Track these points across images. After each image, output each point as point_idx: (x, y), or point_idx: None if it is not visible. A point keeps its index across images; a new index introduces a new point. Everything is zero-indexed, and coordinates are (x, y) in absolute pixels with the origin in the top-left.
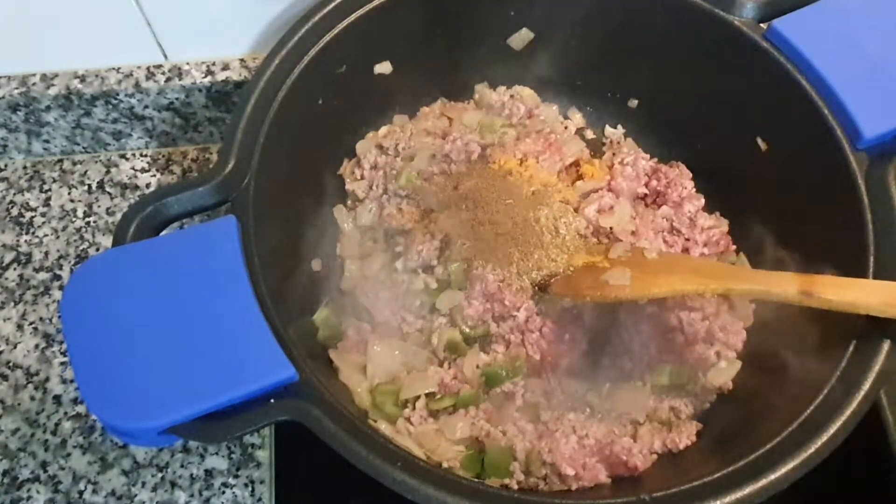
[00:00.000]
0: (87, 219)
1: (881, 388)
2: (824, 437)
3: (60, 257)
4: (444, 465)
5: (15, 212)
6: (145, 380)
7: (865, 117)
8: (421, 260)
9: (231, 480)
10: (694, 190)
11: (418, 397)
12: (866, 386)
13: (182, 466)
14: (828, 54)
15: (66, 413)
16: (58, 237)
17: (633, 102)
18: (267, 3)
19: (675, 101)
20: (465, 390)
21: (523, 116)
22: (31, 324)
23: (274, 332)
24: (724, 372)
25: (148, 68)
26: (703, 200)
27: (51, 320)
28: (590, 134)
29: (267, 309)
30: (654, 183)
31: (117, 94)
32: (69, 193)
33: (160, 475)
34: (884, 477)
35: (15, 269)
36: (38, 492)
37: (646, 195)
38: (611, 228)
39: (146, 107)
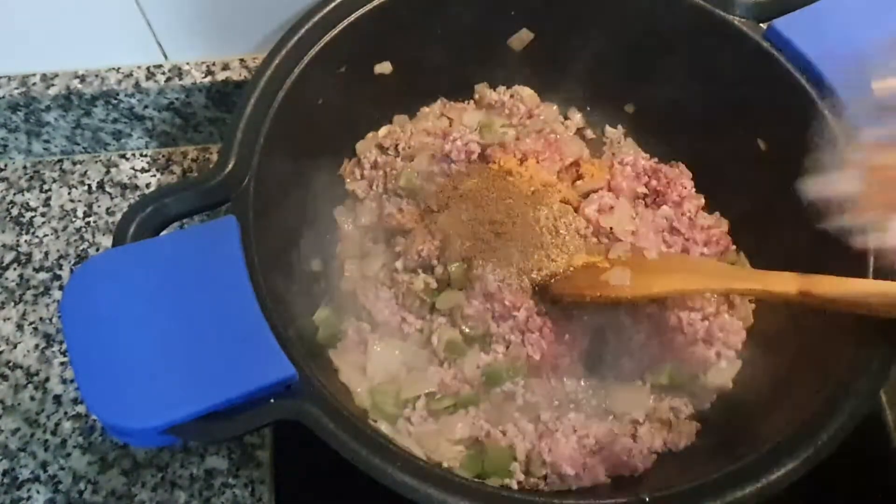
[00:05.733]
0: (87, 219)
1: (881, 388)
2: (824, 437)
3: (60, 257)
4: (444, 465)
5: (15, 212)
6: (145, 380)
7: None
8: (421, 260)
9: (231, 480)
10: (694, 190)
11: (418, 397)
12: (866, 386)
13: (182, 466)
14: (828, 54)
15: (66, 413)
16: (58, 237)
17: (633, 103)
18: (267, 3)
19: (675, 100)
20: (465, 390)
21: (523, 116)
22: (31, 324)
23: (274, 332)
24: (724, 372)
25: (148, 68)
26: (703, 200)
27: (51, 320)
28: (590, 134)
29: (267, 309)
30: (653, 183)
31: (117, 94)
32: (69, 193)
33: (160, 475)
34: (884, 477)
35: (15, 269)
36: (38, 492)
37: (646, 195)
38: (611, 228)
39: (146, 107)
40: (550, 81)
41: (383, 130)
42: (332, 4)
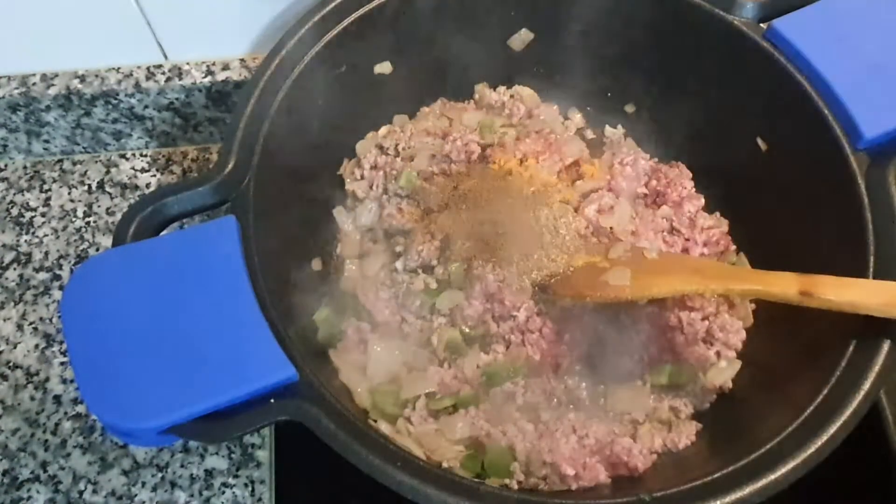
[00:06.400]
0: (87, 219)
1: (881, 388)
2: (824, 437)
3: (60, 257)
4: (444, 465)
5: (15, 212)
6: (145, 379)
7: (865, 117)
8: (421, 260)
9: (231, 480)
10: (694, 190)
11: (418, 397)
12: (866, 386)
13: (182, 466)
14: (828, 54)
15: (66, 413)
16: (58, 237)
17: (633, 103)
18: (267, 3)
19: (675, 100)
20: (465, 390)
21: (523, 116)
22: (31, 324)
23: (274, 332)
24: (724, 372)
25: (148, 68)
26: (703, 200)
27: (51, 320)
28: (590, 134)
29: (267, 309)
30: (654, 183)
31: (117, 94)
32: (69, 193)
33: (160, 475)
34: (884, 477)
35: (15, 269)
36: (38, 492)
37: (646, 195)
38: (611, 228)
39: (146, 107)
40: (550, 81)
41: (383, 130)
42: (332, 4)
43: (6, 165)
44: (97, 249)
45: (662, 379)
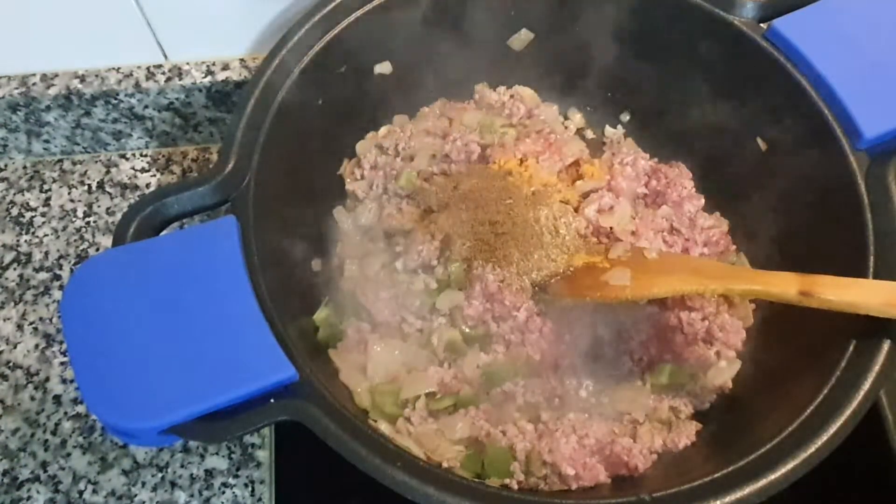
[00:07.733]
0: (87, 219)
1: (881, 388)
2: (824, 437)
3: (60, 257)
4: (444, 465)
5: (15, 212)
6: (145, 380)
7: (865, 117)
8: (421, 260)
9: (231, 480)
10: (694, 190)
11: (418, 397)
12: (866, 386)
13: (182, 466)
14: (828, 54)
15: (66, 413)
16: (58, 237)
17: (633, 103)
18: (267, 3)
19: (675, 100)
20: (465, 390)
21: (523, 116)
22: (31, 324)
23: (274, 332)
24: (724, 372)
25: (148, 68)
26: (703, 200)
27: (51, 320)
28: (590, 134)
29: (267, 309)
30: (654, 183)
31: (117, 94)
32: (69, 193)
33: (160, 475)
34: (884, 477)
35: (15, 269)
36: (38, 492)
37: (646, 195)
38: (611, 228)
39: (146, 107)
40: (550, 81)
41: (383, 130)
42: (332, 4)
43: (6, 165)
44: (97, 249)
45: (662, 379)
